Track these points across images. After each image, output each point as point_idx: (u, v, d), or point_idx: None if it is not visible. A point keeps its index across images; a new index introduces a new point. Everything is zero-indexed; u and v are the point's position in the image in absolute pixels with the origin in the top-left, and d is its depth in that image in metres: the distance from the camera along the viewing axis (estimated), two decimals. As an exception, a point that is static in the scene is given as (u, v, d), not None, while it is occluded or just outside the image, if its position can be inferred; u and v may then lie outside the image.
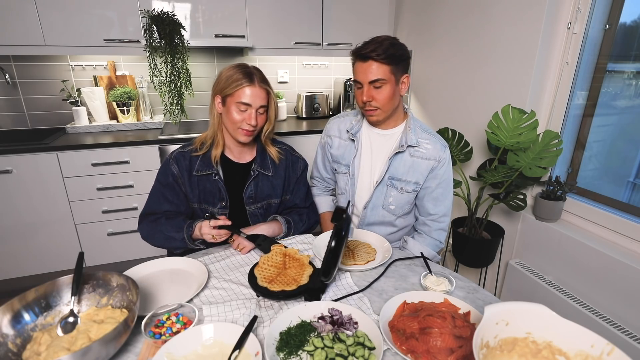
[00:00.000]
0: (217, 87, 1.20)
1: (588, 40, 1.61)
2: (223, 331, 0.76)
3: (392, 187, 1.32)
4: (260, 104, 1.18)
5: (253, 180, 1.29)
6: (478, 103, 2.04)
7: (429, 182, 1.31)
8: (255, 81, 1.16)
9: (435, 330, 0.78)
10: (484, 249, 1.87)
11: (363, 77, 1.19)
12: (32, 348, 0.75)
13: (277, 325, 0.80)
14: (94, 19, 2.07)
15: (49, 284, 0.84)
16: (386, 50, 1.14)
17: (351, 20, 2.60)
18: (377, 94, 1.20)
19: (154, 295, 0.95)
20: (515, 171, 1.64)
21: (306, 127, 2.61)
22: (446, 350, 0.75)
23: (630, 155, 1.57)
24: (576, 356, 0.67)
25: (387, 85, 1.19)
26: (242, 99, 1.16)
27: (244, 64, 1.21)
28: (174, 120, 2.33)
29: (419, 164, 1.29)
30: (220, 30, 2.31)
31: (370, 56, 1.15)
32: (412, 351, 0.76)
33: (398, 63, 1.18)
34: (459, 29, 2.13)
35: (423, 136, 1.30)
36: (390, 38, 1.18)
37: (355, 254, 1.14)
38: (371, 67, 1.16)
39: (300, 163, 1.39)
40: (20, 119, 2.38)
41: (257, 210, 1.32)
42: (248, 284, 0.98)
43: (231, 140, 1.28)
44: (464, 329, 0.79)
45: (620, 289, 1.42)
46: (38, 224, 2.08)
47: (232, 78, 1.16)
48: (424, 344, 0.76)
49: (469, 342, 0.75)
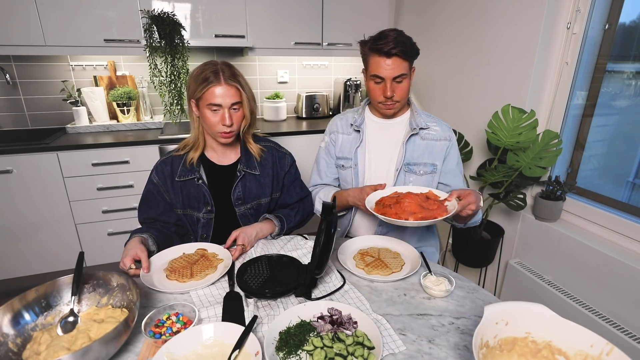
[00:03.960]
0: (189, 91, 1.16)
1: (588, 40, 1.61)
2: (223, 331, 0.76)
3: (410, 172, 1.31)
4: (231, 102, 1.13)
5: (240, 181, 1.25)
6: (478, 103, 2.04)
7: (449, 162, 1.31)
8: (222, 79, 1.10)
9: (405, 200, 1.06)
10: (484, 248, 1.87)
11: (387, 73, 1.18)
12: (32, 348, 0.75)
13: (277, 325, 0.80)
14: (94, 19, 2.07)
15: (49, 284, 0.84)
16: (406, 46, 1.15)
17: (351, 20, 2.60)
18: (397, 89, 1.22)
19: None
20: (515, 171, 1.65)
21: (306, 127, 2.61)
22: (409, 212, 1.02)
23: (629, 155, 1.57)
24: (576, 356, 0.67)
25: (406, 79, 1.21)
26: (211, 100, 1.11)
27: (211, 62, 1.15)
28: (174, 120, 2.33)
29: (433, 146, 1.30)
30: (220, 30, 2.31)
31: (395, 53, 1.15)
32: (384, 213, 1.03)
33: (414, 57, 1.21)
34: (459, 29, 2.13)
35: (429, 120, 1.33)
36: (400, 32, 1.19)
37: (384, 263, 1.09)
38: (395, 64, 1.17)
39: (287, 159, 1.35)
40: (21, 119, 2.38)
41: (247, 212, 1.27)
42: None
43: (214, 142, 1.24)
44: (432, 204, 1.06)
45: (619, 289, 1.42)
46: (38, 224, 2.08)
47: (199, 79, 1.11)
48: (393, 209, 1.04)
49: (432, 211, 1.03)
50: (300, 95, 2.85)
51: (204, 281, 0.99)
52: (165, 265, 1.06)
